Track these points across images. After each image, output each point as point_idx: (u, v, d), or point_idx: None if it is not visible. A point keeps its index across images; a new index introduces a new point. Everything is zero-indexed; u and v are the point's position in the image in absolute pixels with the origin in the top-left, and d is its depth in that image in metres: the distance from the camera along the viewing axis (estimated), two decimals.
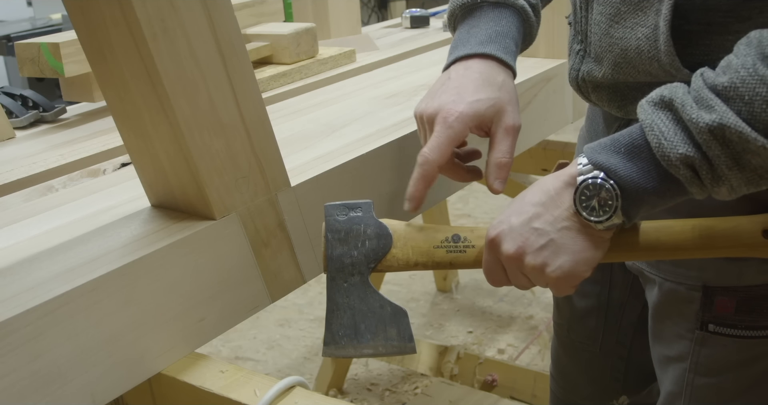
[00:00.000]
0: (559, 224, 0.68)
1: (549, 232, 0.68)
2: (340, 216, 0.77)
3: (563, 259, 0.68)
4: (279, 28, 1.40)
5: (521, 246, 0.69)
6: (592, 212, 0.66)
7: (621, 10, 0.75)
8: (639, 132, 0.65)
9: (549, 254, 0.68)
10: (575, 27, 0.88)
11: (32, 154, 1.04)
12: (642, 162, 0.64)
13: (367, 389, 2.15)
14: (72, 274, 0.67)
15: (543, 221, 0.68)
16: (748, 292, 0.80)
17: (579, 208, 0.67)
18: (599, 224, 0.66)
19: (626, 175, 0.65)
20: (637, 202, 0.66)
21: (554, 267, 0.68)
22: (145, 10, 0.67)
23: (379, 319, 0.76)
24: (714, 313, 0.82)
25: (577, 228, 0.68)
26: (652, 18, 0.72)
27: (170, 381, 0.75)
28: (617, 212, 0.65)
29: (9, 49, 3.08)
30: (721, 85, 0.60)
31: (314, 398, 0.73)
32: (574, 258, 0.68)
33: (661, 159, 0.63)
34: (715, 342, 0.82)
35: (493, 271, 0.73)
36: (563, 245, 0.68)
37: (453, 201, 3.33)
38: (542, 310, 2.48)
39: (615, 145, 0.66)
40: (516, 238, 0.69)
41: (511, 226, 0.70)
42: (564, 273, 0.68)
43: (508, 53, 0.83)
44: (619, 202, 0.65)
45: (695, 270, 0.81)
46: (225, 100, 0.75)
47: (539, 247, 0.68)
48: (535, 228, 0.68)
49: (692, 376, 0.85)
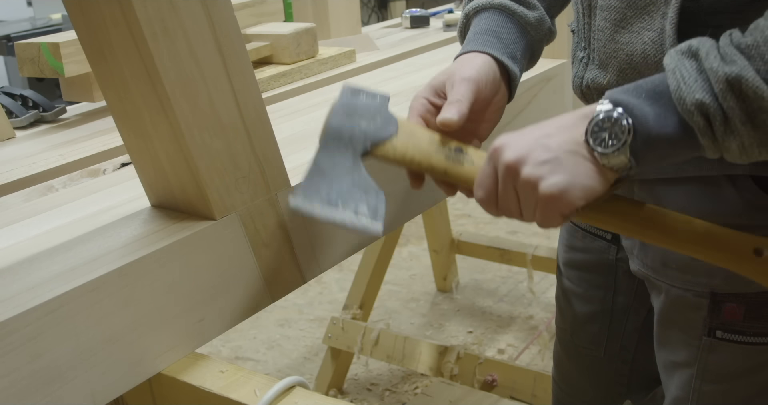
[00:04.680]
0: (567, 146, 0.66)
1: (555, 150, 0.66)
2: (355, 96, 0.78)
3: (561, 177, 0.66)
4: (279, 28, 1.40)
5: (523, 155, 0.67)
6: (601, 143, 0.65)
7: (627, 15, 0.75)
8: (661, 79, 0.65)
9: (548, 169, 0.66)
10: (578, 34, 0.87)
11: (32, 154, 1.04)
12: (660, 107, 0.64)
13: (367, 389, 2.15)
14: (72, 274, 0.67)
15: (552, 140, 0.67)
16: (757, 299, 0.79)
17: (588, 137, 0.66)
18: (604, 156, 0.65)
19: (642, 115, 0.64)
20: (648, 146, 0.65)
21: (549, 183, 0.66)
22: (145, 10, 0.67)
23: (356, 192, 0.75)
24: (722, 320, 0.81)
25: (584, 155, 0.66)
26: (658, 22, 0.72)
27: (170, 381, 0.75)
28: (625, 148, 0.64)
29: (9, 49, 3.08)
30: (745, 43, 0.61)
31: (314, 398, 0.73)
32: (572, 179, 0.66)
33: (678, 102, 0.62)
34: (723, 348, 0.82)
35: (484, 182, 0.71)
36: (566, 165, 0.66)
37: (453, 201, 3.33)
38: (542, 310, 2.48)
39: (637, 90, 0.66)
40: (521, 148, 0.67)
41: (520, 138, 0.68)
42: (558, 190, 0.66)
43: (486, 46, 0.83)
44: (629, 138, 0.64)
45: (703, 277, 0.81)
46: (225, 100, 0.75)
47: (541, 160, 0.66)
48: (542, 143, 0.67)
49: (699, 383, 0.84)
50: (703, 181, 0.78)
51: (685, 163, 0.78)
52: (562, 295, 1.08)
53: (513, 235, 3.03)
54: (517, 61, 0.84)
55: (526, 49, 0.87)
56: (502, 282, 2.68)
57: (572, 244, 1.04)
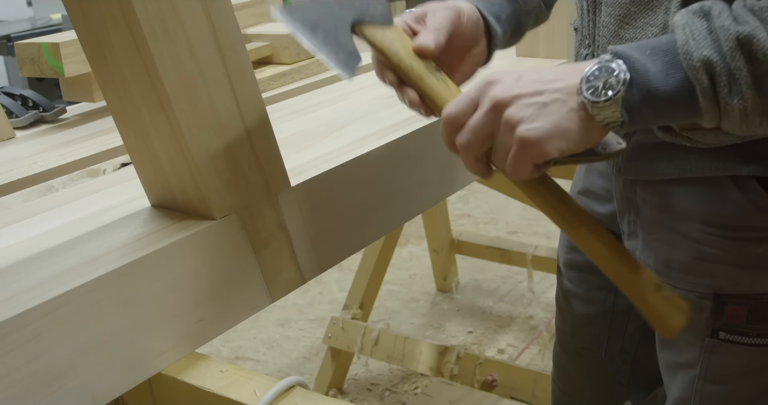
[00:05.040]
0: (557, 95, 0.65)
1: (545, 95, 0.65)
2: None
3: (542, 124, 0.64)
4: (279, 28, 1.40)
5: (513, 95, 0.65)
6: (594, 92, 0.63)
7: (631, 10, 0.75)
8: (668, 38, 0.64)
9: (532, 112, 0.64)
10: (582, 32, 0.87)
11: (32, 154, 1.04)
12: (663, 64, 0.63)
13: (367, 389, 2.15)
14: (72, 274, 0.67)
15: (546, 86, 0.65)
16: (760, 300, 0.79)
17: (582, 85, 0.64)
18: (595, 105, 0.63)
19: (642, 69, 0.63)
20: (643, 101, 0.63)
21: (530, 126, 0.64)
22: (145, 10, 0.67)
23: (337, 38, 0.74)
24: (725, 321, 0.81)
25: (572, 106, 0.64)
26: (661, 17, 0.72)
27: (170, 381, 0.75)
28: (617, 98, 0.63)
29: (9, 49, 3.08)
30: (759, 6, 0.60)
31: (314, 398, 0.73)
32: (553, 127, 0.64)
33: (684, 57, 0.61)
34: (726, 350, 0.82)
35: (461, 103, 0.68)
36: (550, 112, 0.64)
37: (453, 201, 3.33)
38: (542, 310, 2.48)
39: (642, 46, 0.64)
40: (513, 87, 0.66)
41: (519, 77, 0.66)
42: (535, 135, 0.64)
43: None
44: (622, 89, 0.62)
45: (706, 278, 0.81)
46: (225, 100, 0.75)
47: (528, 103, 0.65)
48: (535, 88, 0.65)
49: (701, 383, 0.84)
50: (706, 182, 0.78)
51: (688, 164, 0.77)
52: (563, 296, 1.08)
53: (513, 235, 3.03)
54: (501, 22, 0.83)
55: (511, 16, 0.85)
56: (502, 282, 2.68)
57: (573, 245, 1.04)
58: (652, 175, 0.81)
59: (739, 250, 0.78)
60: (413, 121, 1.04)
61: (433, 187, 1.07)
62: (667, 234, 0.83)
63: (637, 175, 0.83)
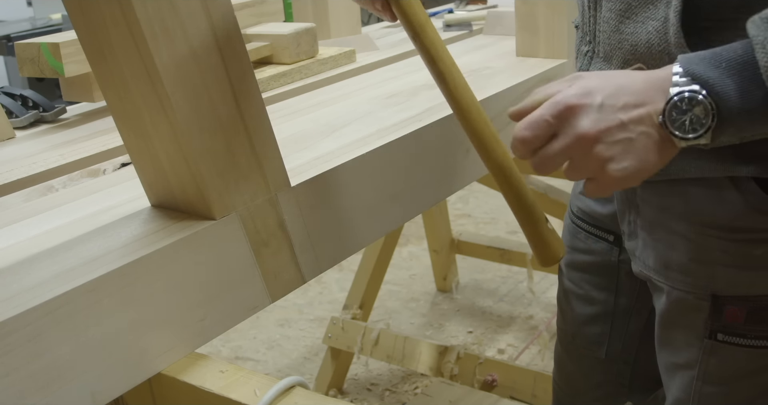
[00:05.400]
0: (643, 127, 0.64)
1: (632, 131, 0.64)
2: None
3: (630, 163, 0.64)
4: (279, 28, 1.40)
5: (602, 130, 0.64)
6: (681, 128, 0.62)
7: (632, 4, 0.75)
8: (744, 49, 0.62)
9: (620, 151, 0.64)
10: (583, 28, 0.87)
11: (32, 154, 1.04)
12: (743, 80, 0.61)
13: (367, 389, 2.15)
14: (72, 274, 0.67)
15: (630, 117, 0.64)
16: (758, 302, 0.79)
17: (667, 122, 0.63)
18: (684, 141, 0.63)
19: (724, 92, 0.61)
20: (727, 124, 0.62)
21: (619, 167, 0.64)
22: (145, 10, 0.67)
23: None
24: (723, 323, 0.81)
25: (656, 138, 0.64)
26: (662, 11, 0.72)
27: (170, 381, 0.75)
28: (708, 133, 0.62)
29: (9, 49, 3.08)
30: None
31: (314, 398, 0.73)
32: (639, 166, 0.64)
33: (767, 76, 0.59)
34: (724, 351, 0.82)
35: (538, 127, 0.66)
36: (637, 150, 0.64)
37: (453, 201, 3.33)
38: (542, 310, 2.48)
39: (715, 58, 0.62)
40: (600, 121, 0.64)
41: (601, 105, 0.65)
42: (625, 175, 0.64)
43: None
44: (714, 123, 0.61)
45: (705, 279, 0.81)
46: (225, 100, 0.75)
47: (616, 140, 0.64)
48: (620, 119, 0.64)
49: (700, 384, 0.84)
50: (705, 183, 0.78)
51: (687, 164, 0.77)
52: (564, 296, 1.08)
53: (513, 235, 3.03)
54: None
55: None
56: (502, 282, 2.68)
57: (574, 246, 1.04)
58: (653, 175, 0.81)
59: (738, 251, 0.78)
60: (413, 121, 1.04)
61: (433, 187, 1.07)
62: (666, 235, 0.83)
63: None
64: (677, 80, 0.63)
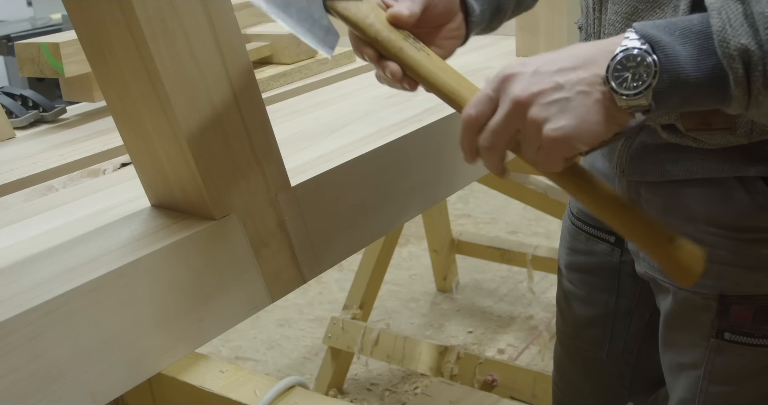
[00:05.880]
0: (580, 87, 0.63)
1: (567, 90, 0.63)
2: None
3: (568, 121, 0.62)
4: (279, 28, 1.40)
5: (535, 92, 0.63)
6: (622, 84, 0.61)
7: (638, 8, 0.75)
8: (699, 19, 0.61)
9: (556, 111, 0.62)
10: (586, 30, 0.87)
11: (32, 154, 1.04)
12: (694, 48, 0.60)
13: (367, 389, 2.15)
14: (72, 274, 0.67)
15: (566, 78, 0.63)
16: (765, 301, 0.79)
17: (609, 76, 0.61)
18: (623, 97, 0.61)
19: (673, 54, 0.60)
20: (673, 89, 0.61)
21: (555, 126, 0.62)
22: (145, 10, 0.67)
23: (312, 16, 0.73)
24: (730, 322, 0.81)
25: (597, 97, 0.62)
26: (669, 14, 0.72)
27: (170, 381, 0.75)
28: (648, 90, 0.61)
29: (9, 49, 3.08)
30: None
31: (314, 398, 0.74)
32: (579, 124, 0.62)
33: (719, 45, 0.59)
34: (731, 350, 0.82)
35: (480, 104, 0.66)
36: (575, 108, 0.62)
37: (453, 201, 3.33)
38: (542, 310, 2.48)
39: (670, 26, 0.62)
40: (532, 84, 0.63)
41: (535, 71, 0.64)
42: (563, 134, 0.62)
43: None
44: (654, 80, 0.60)
45: (711, 279, 0.80)
46: (225, 100, 0.75)
47: (551, 100, 0.63)
48: (555, 81, 0.63)
49: (706, 384, 0.84)
50: (712, 183, 0.78)
51: (694, 165, 0.77)
52: (564, 297, 1.08)
53: (513, 235, 3.03)
54: (479, 0, 0.82)
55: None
56: (502, 282, 2.68)
57: (575, 247, 1.03)
58: (657, 176, 0.81)
59: (745, 251, 0.78)
60: (413, 121, 1.04)
61: (433, 187, 1.07)
62: None
63: (641, 177, 0.83)
64: (628, 39, 0.62)
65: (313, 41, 0.73)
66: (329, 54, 0.73)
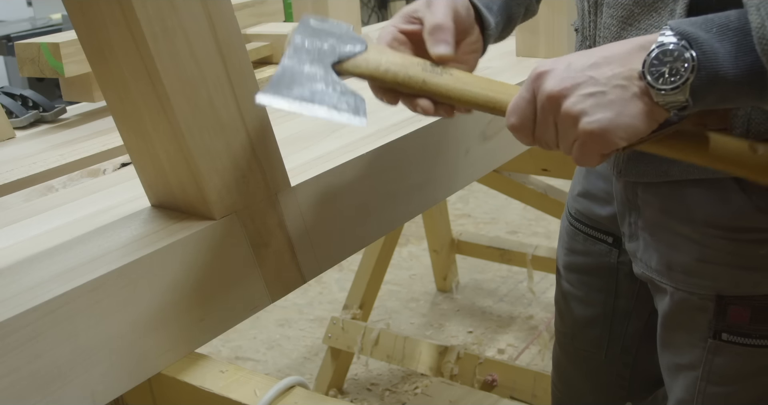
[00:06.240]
0: (616, 81, 0.62)
1: (603, 84, 0.62)
2: (319, 20, 0.75)
3: (605, 115, 0.61)
4: (279, 28, 1.40)
5: (567, 87, 0.63)
6: (659, 79, 0.60)
7: (634, 11, 0.74)
8: (737, 15, 0.60)
9: (592, 104, 0.62)
10: (582, 33, 0.86)
11: (32, 154, 1.04)
12: (731, 45, 0.60)
13: (367, 389, 2.15)
14: (72, 274, 0.67)
15: (601, 72, 0.62)
16: (763, 302, 0.79)
17: (646, 71, 0.61)
18: (661, 92, 0.61)
19: (711, 51, 0.59)
20: (710, 85, 0.60)
21: (591, 119, 0.62)
22: (145, 10, 0.67)
23: (333, 93, 0.71)
24: (728, 322, 0.81)
25: (634, 92, 0.62)
26: (666, 19, 0.72)
27: (170, 381, 0.75)
28: (686, 86, 0.60)
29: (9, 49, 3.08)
30: None
31: (314, 398, 0.73)
32: (616, 118, 0.61)
33: (758, 41, 0.58)
34: (729, 351, 0.82)
35: (519, 108, 0.67)
36: (611, 101, 0.62)
37: (453, 201, 3.33)
38: (542, 310, 2.48)
39: (707, 23, 0.61)
40: (565, 78, 0.63)
41: (566, 67, 0.64)
42: (599, 128, 0.61)
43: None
44: (692, 76, 0.60)
45: (709, 279, 0.80)
46: (225, 100, 0.75)
47: (586, 93, 0.62)
48: (590, 75, 0.62)
49: (704, 385, 0.84)
50: (709, 184, 0.78)
51: (691, 166, 0.77)
52: (562, 298, 1.08)
53: (513, 235, 3.03)
54: (493, 13, 0.81)
55: (503, 6, 0.83)
56: (502, 282, 2.68)
57: (573, 248, 1.03)
58: (654, 176, 0.81)
59: (742, 251, 0.78)
60: (413, 121, 1.04)
61: (433, 187, 1.07)
62: (669, 236, 0.82)
63: (638, 177, 0.83)
64: (664, 36, 0.62)
65: (346, 117, 0.71)
66: (364, 123, 0.71)
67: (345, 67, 0.74)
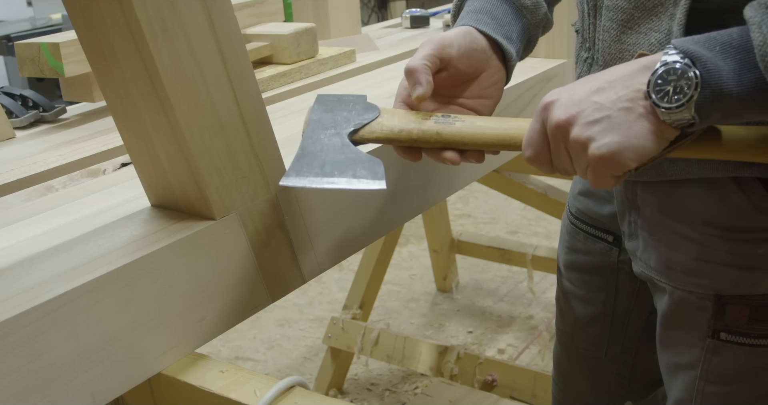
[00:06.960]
0: (621, 103, 0.62)
1: (607, 109, 0.63)
2: (331, 97, 0.79)
3: (612, 139, 0.62)
4: (279, 28, 1.40)
5: (573, 115, 0.64)
6: (664, 98, 0.61)
7: (634, 15, 0.74)
8: (739, 33, 0.61)
9: (599, 130, 0.63)
10: (582, 34, 0.86)
11: (32, 154, 1.04)
12: (735, 63, 0.60)
13: (367, 389, 2.15)
14: (72, 274, 0.67)
15: (605, 96, 0.63)
16: (761, 301, 0.79)
17: (651, 90, 0.61)
18: (667, 111, 0.61)
19: (714, 69, 0.60)
20: (715, 103, 0.61)
21: (600, 144, 0.62)
22: (145, 10, 0.67)
23: (351, 163, 0.74)
24: (726, 322, 0.81)
25: (640, 112, 0.62)
26: (666, 23, 0.72)
27: (170, 381, 0.75)
28: (690, 104, 0.60)
29: (9, 49, 3.08)
30: None
31: (314, 398, 0.73)
32: (624, 141, 0.62)
33: (761, 59, 0.58)
34: (727, 350, 0.82)
35: (533, 140, 0.68)
36: (618, 125, 0.62)
37: (453, 201, 3.33)
38: (542, 310, 2.48)
39: (710, 41, 0.61)
40: (570, 107, 0.64)
41: (570, 95, 0.65)
42: (608, 153, 0.62)
43: (479, 23, 0.81)
44: (696, 93, 0.60)
45: (707, 279, 0.80)
46: (225, 100, 0.75)
47: (592, 120, 0.63)
48: (594, 101, 0.63)
49: (703, 384, 0.84)
50: (708, 184, 0.78)
51: (690, 165, 0.77)
52: (563, 296, 1.08)
53: (513, 235, 3.03)
54: (513, 42, 0.82)
55: (522, 32, 0.84)
56: (502, 282, 2.68)
57: (573, 246, 1.03)
58: (653, 176, 0.81)
59: (741, 251, 0.78)
60: None
61: (433, 187, 1.07)
62: (668, 235, 0.82)
63: (637, 176, 0.83)
64: (668, 55, 0.62)
65: (365, 183, 0.73)
66: (384, 186, 0.73)
67: (361, 135, 0.77)
